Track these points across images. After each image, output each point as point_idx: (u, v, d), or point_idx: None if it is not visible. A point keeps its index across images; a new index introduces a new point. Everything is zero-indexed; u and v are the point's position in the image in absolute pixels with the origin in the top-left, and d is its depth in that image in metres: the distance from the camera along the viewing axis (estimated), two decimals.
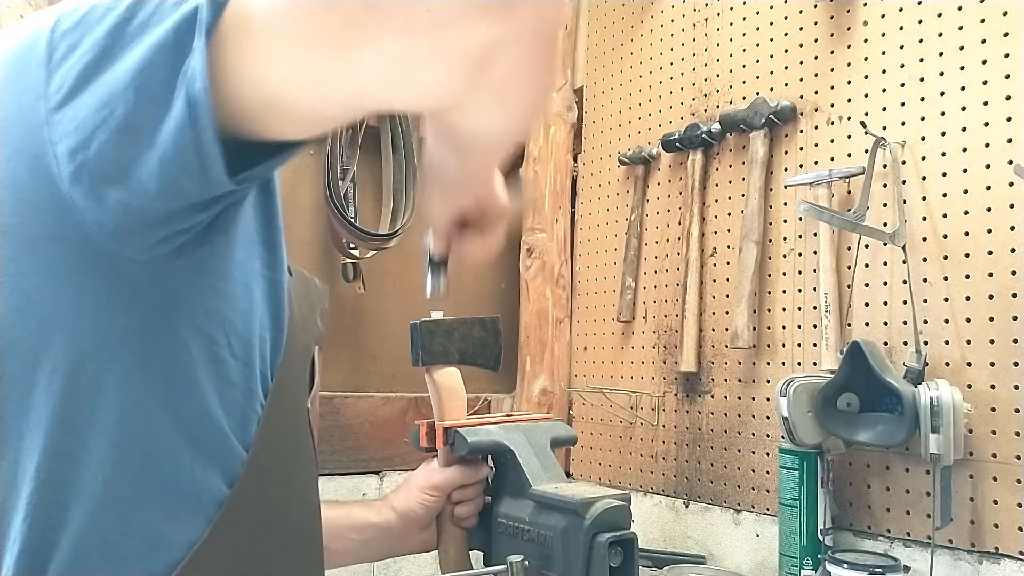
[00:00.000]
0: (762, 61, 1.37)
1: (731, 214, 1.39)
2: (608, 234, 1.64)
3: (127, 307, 0.53)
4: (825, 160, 1.26)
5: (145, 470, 0.54)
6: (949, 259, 1.10)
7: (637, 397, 1.51)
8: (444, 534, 0.99)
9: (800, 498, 1.15)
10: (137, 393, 0.53)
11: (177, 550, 0.55)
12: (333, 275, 1.52)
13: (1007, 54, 1.06)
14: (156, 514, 0.54)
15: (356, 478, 1.49)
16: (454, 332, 1.01)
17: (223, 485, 0.57)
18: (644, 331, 1.53)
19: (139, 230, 0.50)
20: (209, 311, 0.56)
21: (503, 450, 0.95)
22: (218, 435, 0.57)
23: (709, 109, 1.45)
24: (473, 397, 1.14)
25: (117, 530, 0.53)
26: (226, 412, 0.58)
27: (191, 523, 0.55)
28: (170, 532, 0.55)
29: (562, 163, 1.72)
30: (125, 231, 0.50)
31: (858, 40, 1.23)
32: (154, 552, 0.54)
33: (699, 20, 1.49)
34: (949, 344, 1.09)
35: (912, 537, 1.11)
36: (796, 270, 1.28)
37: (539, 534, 0.88)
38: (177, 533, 0.55)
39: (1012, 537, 1.02)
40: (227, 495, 0.57)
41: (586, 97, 1.73)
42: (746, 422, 1.34)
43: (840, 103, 1.25)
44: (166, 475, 0.55)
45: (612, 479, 1.58)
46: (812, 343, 1.25)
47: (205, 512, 0.56)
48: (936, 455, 1.01)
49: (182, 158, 0.46)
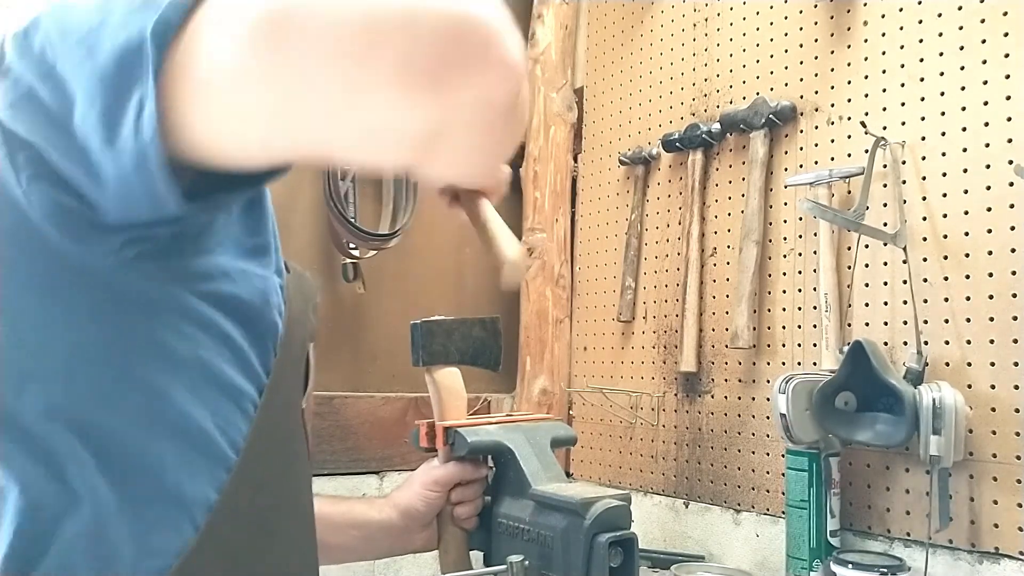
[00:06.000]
0: (762, 61, 1.37)
1: (731, 214, 1.39)
2: (608, 234, 1.64)
3: (105, 318, 0.53)
4: (825, 160, 1.26)
5: (129, 477, 0.53)
6: (949, 259, 1.10)
7: (637, 397, 1.51)
8: (444, 534, 0.99)
9: (809, 499, 1.14)
10: (119, 401, 0.53)
11: (166, 557, 0.54)
12: (333, 275, 1.52)
13: (1007, 54, 1.06)
14: (143, 521, 0.54)
15: (356, 478, 1.49)
16: (454, 332, 1.01)
17: (211, 491, 0.57)
18: (644, 331, 1.53)
19: (99, 234, 0.50)
20: (192, 315, 0.56)
21: (503, 450, 0.95)
22: (204, 440, 0.56)
23: (709, 109, 1.45)
24: (473, 397, 1.14)
25: (104, 538, 0.53)
26: (213, 416, 0.57)
27: (179, 529, 0.55)
28: (158, 539, 0.54)
29: (562, 163, 1.72)
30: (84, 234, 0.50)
31: (858, 40, 1.23)
32: (143, 559, 0.54)
33: (699, 20, 1.49)
34: (949, 344, 1.09)
35: (912, 537, 1.11)
36: (796, 270, 1.28)
37: (539, 534, 0.88)
38: (165, 540, 0.54)
39: (1012, 537, 1.02)
40: (215, 500, 0.56)
41: (586, 97, 1.73)
42: (746, 422, 1.34)
43: (840, 103, 1.25)
44: (151, 482, 0.54)
45: (612, 479, 1.58)
46: (812, 343, 1.25)
47: (193, 518, 0.56)
48: (936, 457, 1.00)
49: (131, 195, 0.47)
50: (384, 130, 0.45)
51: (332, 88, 0.43)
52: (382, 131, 0.45)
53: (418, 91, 0.43)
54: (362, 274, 1.53)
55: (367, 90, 0.42)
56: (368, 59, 0.42)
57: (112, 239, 0.51)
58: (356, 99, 0.43)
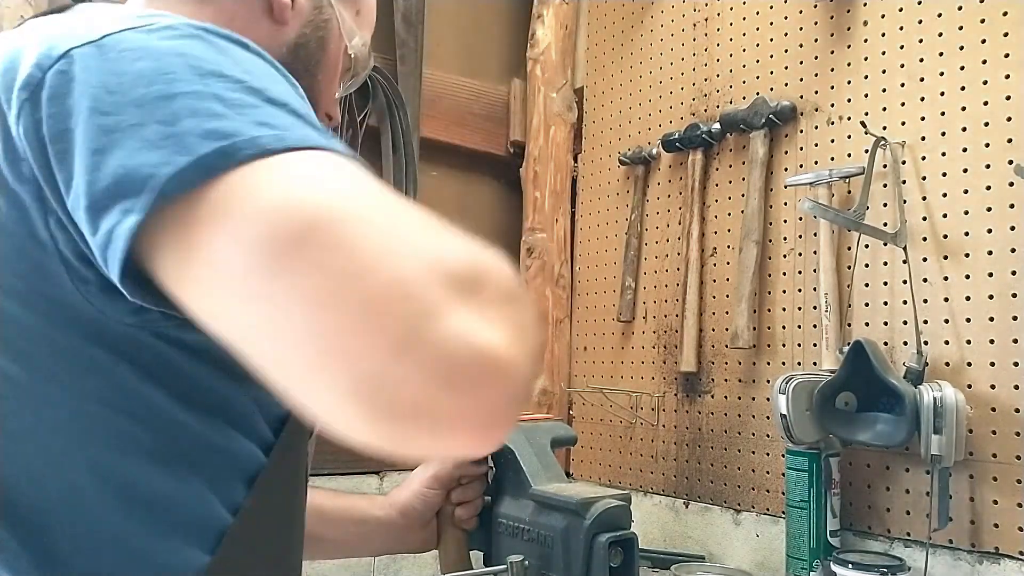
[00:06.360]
0: (762, 61, 1.37)
1: (731, 214, 1.39)
2: (608, 234, 1.64)
3: (102, 372, 0.51)
4: (825, 160, 1.26)
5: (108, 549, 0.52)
6: (949, 259, 1.10)
7: (637, 397, 1.51)
8: (444, 534, 0.99)
9: (809, 500, 1.14)
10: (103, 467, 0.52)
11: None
12: None
13: (1007, 54, 1.06)
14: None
15: (356, 478, 1.49)
16: None
17: (202, 554, 0.55)
18: (644, 331, 1.53)
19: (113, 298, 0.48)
20: (196, 374, 0.54)
21: (503, 450, 0.95)
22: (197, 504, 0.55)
23: (709, 109, 1.45)
24: None
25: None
26: (209, 480, 0.56)
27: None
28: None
29: (562, 163, 1.72)
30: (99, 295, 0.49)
31: (858, 40, 1.23)
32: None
33: (699, 20, 1.49)
34: (949, 344, 1.09)
35: (912, 537, 1.11)
36: (796, 270, 1.28)
37: (539, 534, 0.88)
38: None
39: (1012, 537, 1.02)
40: (206, 563, 0.55)
41: (586, 97, 1.73)
42: (746, 422, 1.34)
43: (840, 103, 1.25)
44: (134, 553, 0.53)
45: (612, 479, 1.57)
46: (812, 343, 1.25)
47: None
48: (937, 456, 1.00)
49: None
50: (325, 413, 0.39)
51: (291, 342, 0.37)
52: (323, 412, 0.39)
53: (368, 410, 0.36)
54: None
55: (323, 376, 0.37)
56: (339, 348, 0.36)
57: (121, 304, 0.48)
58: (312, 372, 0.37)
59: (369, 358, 0.36)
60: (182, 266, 0.41)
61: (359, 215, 0.39)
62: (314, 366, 0.36)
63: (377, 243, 0.38)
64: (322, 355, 0.36)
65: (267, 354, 0.39)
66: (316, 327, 0.36)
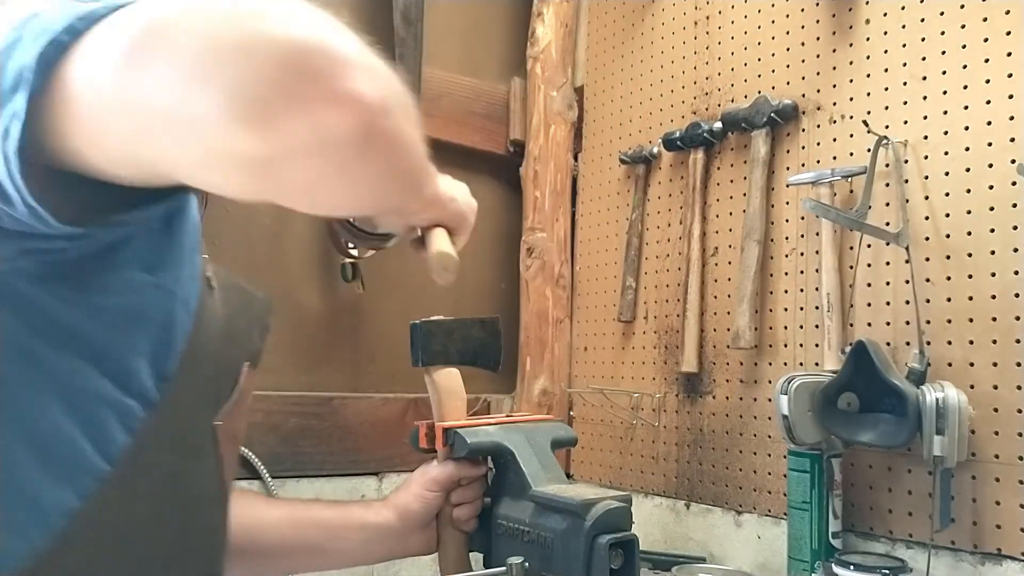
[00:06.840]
0: (764, 59, 1.36)
1: (732, 213, 1.39)
2: (608, 234, 1.63)
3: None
4: (827, 159, 1.25)
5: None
6: (952, 259, 1.09)
7: (638, 398, 1.51)
8: (444, 536, 0.98)
9: (811, 501, 1.14)
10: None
11: (15, 560, 0.54)
12: (333, 275, 1.51)
13: (1009, 52, 1.05)
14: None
15: (355, 479, 1.48)
16: (454, 333, 1.01)
17: (74, 498, 0.56)
18: (645, 331, 1.53)
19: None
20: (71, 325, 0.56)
21: (503, 451, 0.95)
22: (70, 449, 0.56)
23: (710, 108, 1.45)
24: (473, 398, 1.14)
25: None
26: (82, 425, 0.56)
27: (26, 535, 0.54)
28: (8, 542, 0.54)
29: (562, 162, 1.71)
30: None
31: (860, 38, 1.23)
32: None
33: (700, 18, 1.48)
34: (952, 344, 1.08)
35: (914, 538, 1.10)
36: (798, 270, 1.28)
37: (539, 536, 0.88)
38: (15, 543, 0.54)
39: (1014, 538, 1.01)
40: (78, 507, 0.56)
41: (586, 96, 1.72)
42: (748, 423, 1.33)
43: (842, 102, 1.24)
44: (5, 486, 0.54)
45: (613, 480, 1.57)
46: (814, 343, 1.24)
47: (48, 524, 0.55)
48: (940, 457, 1.00)
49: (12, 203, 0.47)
50: (219, 154, 0.45)
51: (172, 108, 0.43)
52: (218, 155, 0.45)
53: (246, 121, 0.43)
54: (361, 274, 1.52)
55: (201, 114, 0.43)
56: (204, 83, 0.42)
57: (8, 245, 0.51)
58: (192, 122, 0.43)
59: (227, 74, 0.42)
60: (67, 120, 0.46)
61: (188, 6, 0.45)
62: (188, 100, 0.43)
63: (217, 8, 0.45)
64: (192, 93, 0.43)
65: (156, 120, 0.44)
66: (184, 73, 0.43)
